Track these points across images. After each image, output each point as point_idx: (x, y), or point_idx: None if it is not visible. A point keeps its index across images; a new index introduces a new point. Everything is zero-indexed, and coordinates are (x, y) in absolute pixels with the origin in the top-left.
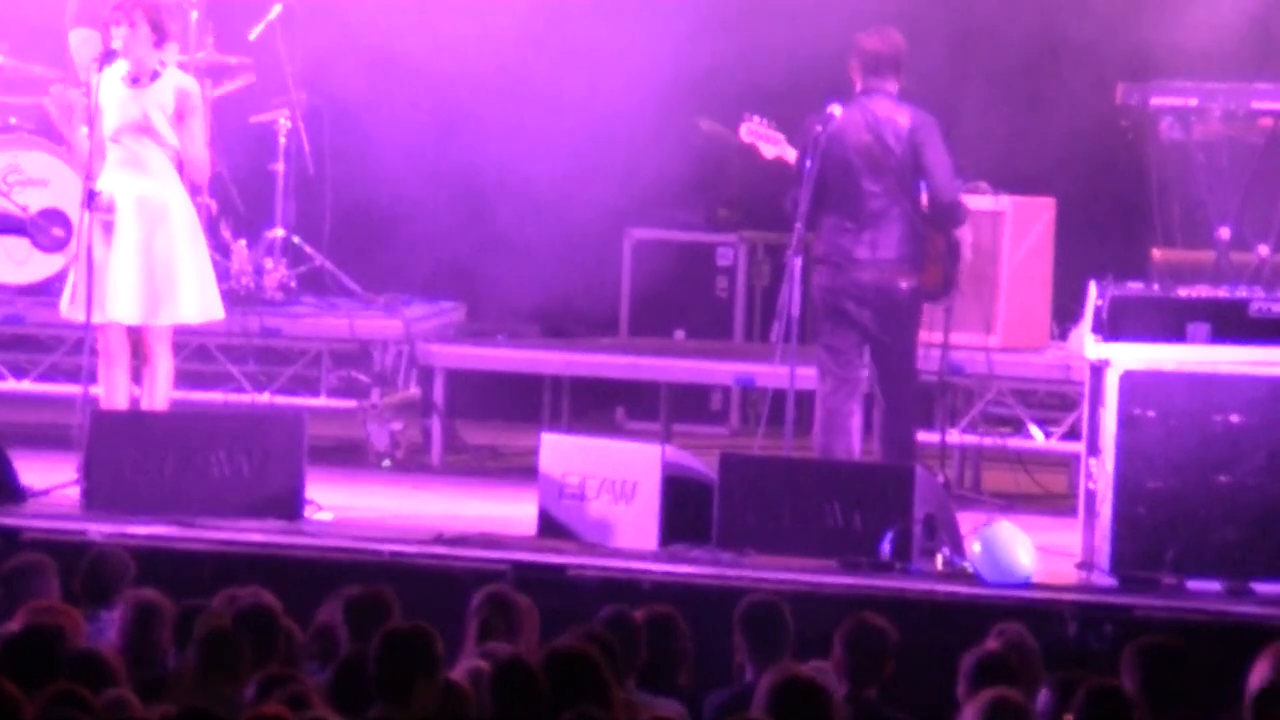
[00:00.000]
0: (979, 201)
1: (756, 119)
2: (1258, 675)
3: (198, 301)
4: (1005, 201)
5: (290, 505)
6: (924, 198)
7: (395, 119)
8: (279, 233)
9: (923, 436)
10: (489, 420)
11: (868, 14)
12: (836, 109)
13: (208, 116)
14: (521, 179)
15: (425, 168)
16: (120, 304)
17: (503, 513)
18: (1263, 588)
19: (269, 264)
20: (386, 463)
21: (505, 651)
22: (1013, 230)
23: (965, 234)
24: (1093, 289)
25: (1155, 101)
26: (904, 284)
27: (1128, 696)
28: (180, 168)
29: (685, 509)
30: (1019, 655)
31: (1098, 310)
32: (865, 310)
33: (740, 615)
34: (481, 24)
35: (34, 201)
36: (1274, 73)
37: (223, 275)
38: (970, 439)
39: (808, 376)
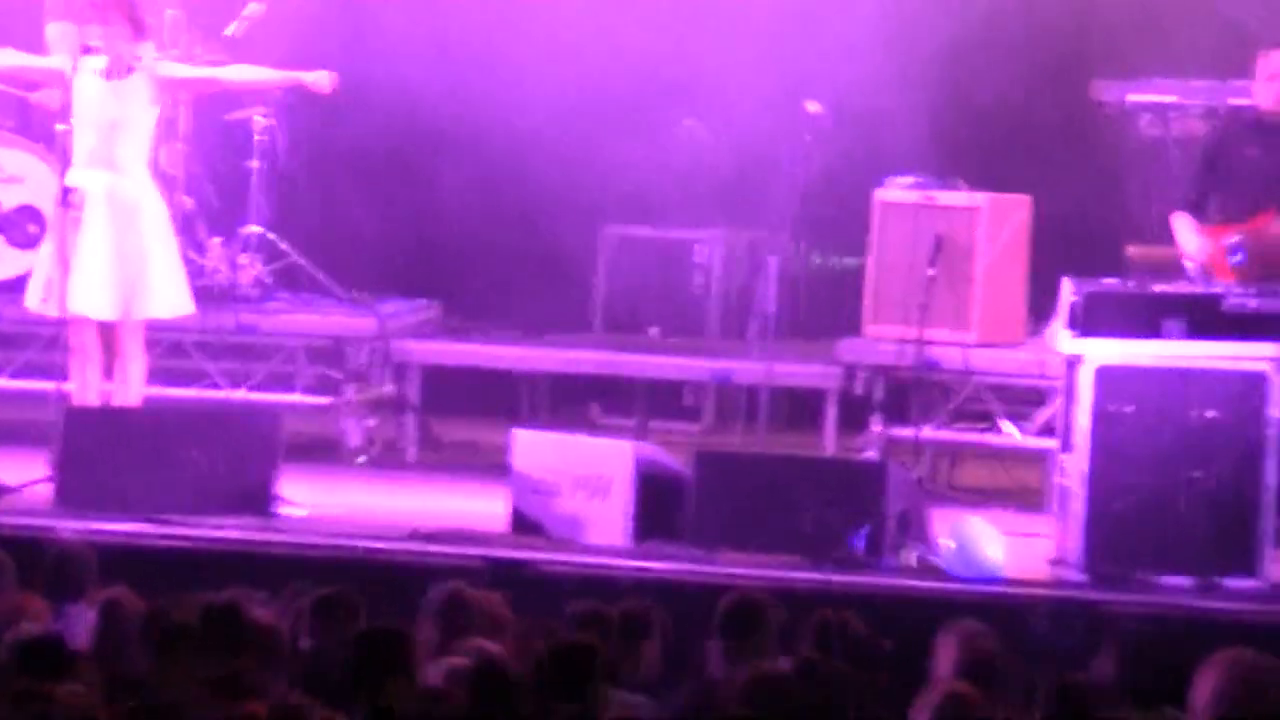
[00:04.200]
0: (955, 198)
1: None
2: (1204, 688)
3: (168, 297)
4: (981, 198)
5: (265, 502)
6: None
7: (371, 116)
8: (254, 229)
9: (898, 432)
10: (464, 417)
11: (845, 16)
12: (811, 105)
13: (186, 116)
14: (498, 175)
15: (401, 164)
16: (90, 299)
17: (478, 509)
18: (1235, 584)
19: (244, 260)
20: (361, 459)
21: (486, 649)
22: (988, 226)
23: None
24: (1067, 285)
25: (1132, 98)
26: None
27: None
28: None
29: (659, 505)
30: (975, 652)
31: (1073, 306)
32: None
33: (720, 613)
34: (458, 22)
35: (9, 198)
36: (1251, 70)
37: (198, 272)
38: (946, 434)
39: (783, 373)
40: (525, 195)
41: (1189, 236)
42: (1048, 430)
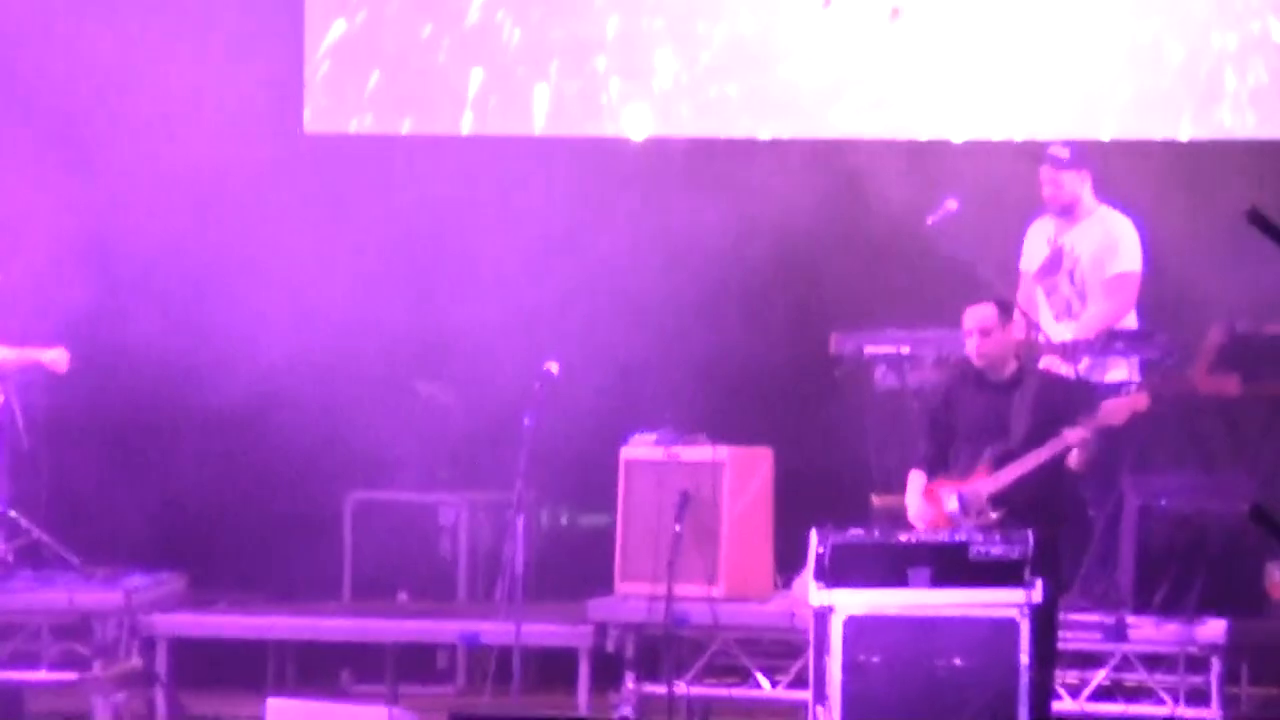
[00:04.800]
0: (698, 454)
1: None
2: None
3: None
4: (724, 452)
5: None
6: None
7: (110, 388)
8: None
9: (651, 688)
10: (215, 688)
11: (584, 274)
12: (551, 365)
13: None
14: (240, 443)
15: (142, 435)
16: None
17: None
18: None
19: None
20: None
21: None
22: (732, 481)
23: None
24: (814, 536)
25: (869, 350)
26: None
27: None
28: None
29: None
30: None
31: (820, 557)
32: None
33: None
34: (200, 286)
35: None
36: None
37: None
38: (699, 689)
39: (534, 633)
40: (269, 461)
41: (912, 498)
42: (801, 682)
